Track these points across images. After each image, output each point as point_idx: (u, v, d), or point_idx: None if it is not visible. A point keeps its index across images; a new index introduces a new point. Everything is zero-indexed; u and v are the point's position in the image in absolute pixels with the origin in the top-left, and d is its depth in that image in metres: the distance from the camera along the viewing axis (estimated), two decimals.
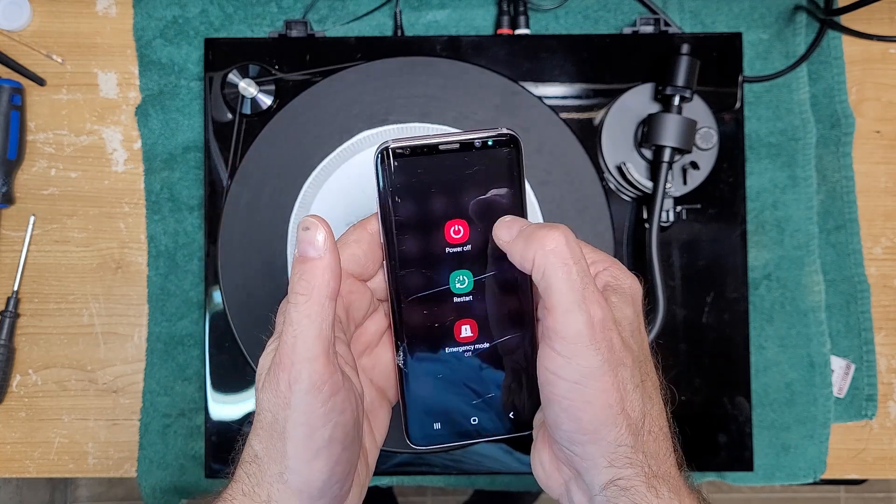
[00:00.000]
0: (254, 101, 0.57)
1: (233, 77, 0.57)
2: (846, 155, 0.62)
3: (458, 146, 0.34)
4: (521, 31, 0.61)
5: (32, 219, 0.62)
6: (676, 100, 0.55)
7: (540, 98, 0.57)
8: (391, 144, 0.33)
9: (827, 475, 0.61)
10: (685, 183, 0.57)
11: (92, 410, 0.61)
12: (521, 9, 0.61)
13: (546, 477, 0.35)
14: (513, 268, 0.34)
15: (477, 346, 0.36)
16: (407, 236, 0.34)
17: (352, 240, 0.36)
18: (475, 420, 0.37)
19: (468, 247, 0.35)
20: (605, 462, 0.32)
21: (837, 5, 0.61)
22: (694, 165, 0.57)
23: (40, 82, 0.62)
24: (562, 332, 0.31)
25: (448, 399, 0.37)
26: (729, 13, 0.62)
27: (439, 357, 0.36)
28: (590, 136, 0.58)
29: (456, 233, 0.35)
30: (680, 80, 0.55)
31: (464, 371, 0.37)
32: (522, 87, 0.57)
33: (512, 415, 0.37)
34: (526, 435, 0.38)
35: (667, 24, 0.60)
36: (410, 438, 0.37)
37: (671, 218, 0.57)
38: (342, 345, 0.35)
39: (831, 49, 0.62)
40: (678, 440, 0.34)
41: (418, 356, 0.36)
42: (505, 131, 0.34)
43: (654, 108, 0.57)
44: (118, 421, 0.61)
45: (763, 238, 0.61)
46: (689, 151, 0.56)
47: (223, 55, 0.58)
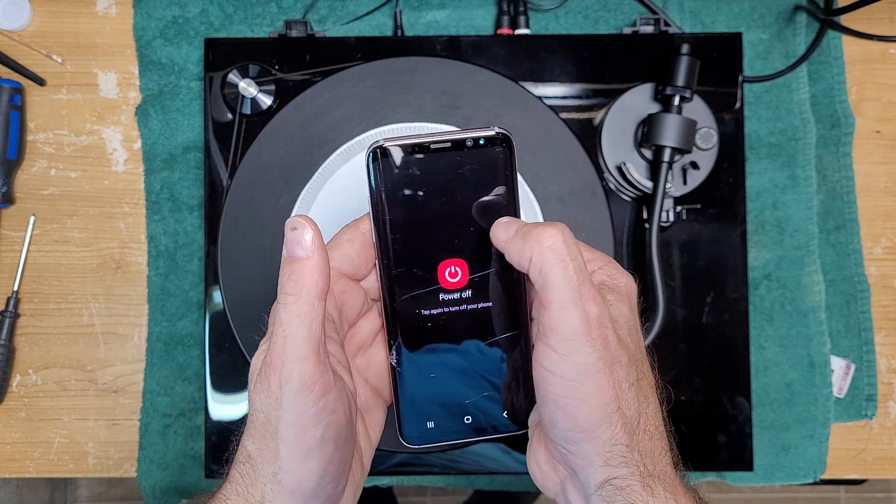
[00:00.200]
0: (254, 101, 0.57)
1: (233, 77, 0.57)
2: (846, 155, 0.62)
3: (451, 145, 0.34)
4: (521, 31, 0.61)
5: (32, 219, 0.62)
6: (676, 100, 0.55)
7: (540, 98, 0.57)
8: (383, 143, 0.33)
9: (827, 475, 0.61)
10: (685, 183, 0.57)
11: (92, 410, 0.61)
12: (521, 9, 0.61)
13: (542, 476, 0.35)
14: (506, 266, 0.34)
15: (470, 345, 0.36)
16: (398, 235, 0.34)
17: (344, 239, 0.36)
18: (469, 419, 0.37)
19: (461, 246, 0.35)
20: (601, 461, 0.32)
21: (837, 5, 0.61)
22: (694, 165, 0.57)
23: (40, 82, 0.62)
24: (557, 329, 0.31)
25: (441, 398, 0.37)
26: (729, 13, 0.62)
27: (432, 355, 0.36)
28: (590, 136, 0.58)
29: (448, 232, 0.35)
30: (680, 80, 0.55)
31: (457, 369, 0.36)
32: (522, 87, 0.57)
33: (506, 414, 0.37)
34: (520, 434, 0.38)
35: (667, 24, 0.60)
36: (404, 437, 0.37)
37: (671, 218, 0.57)
38: (334, 344, 0.35)
39: (831, 49, 0.62)
40: (674, 439, 0.34)
41: (411, 355, 0.36)
42: (497, 130, 0.34)
43: (654, 108, 0.57)
44: (118, 421, 0.61)
45: (763, 238, 0.61)
46: (689, 151, 0.56)
47: (223, 55, 0.58)
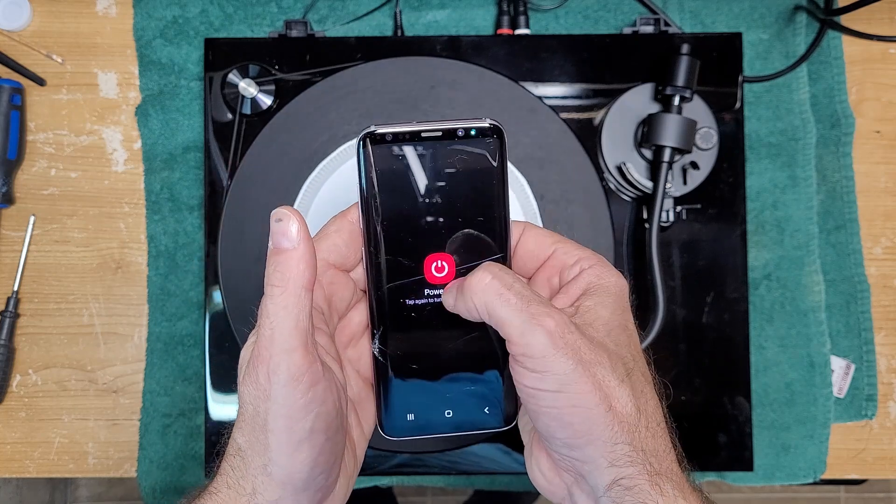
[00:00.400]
0: (254, 101, 0.57)
1: (233, 77, 0.57)
2: (846, 155, 0.62)
3: (441, 134, 0.33)
4: (521, 31, 0.61)
5: (32, 219, 0.62)
6: (676, 100, 0.55)
7: (540, 98, 0.57)
8: (374, 129, 0.33)
9: (827, 475, 0.61)
10: (685, 183, 0.57)
11: (92, 410, 0.61)
12: (521, 9, 0.61)
13: (547, 483, 0.35)
14: (494, 262, 0.34)
15: (454, 338, 0.36)
16: (386, 223, 0.34)
17: (332, 230, 0.35)
18: (450, 413, 0.37)
19: (448, 237, 0.35)
20: (606, 462, 0.31)
21: (837, 5, 0.61)
22: (694, 165, 0.57)
23: (40, 82, 0.62)
24: (527, 352, 0.31)
25: (422, 390, 0.36)
26: (729, 13, 0.62)
27: (415, 347, 0.36)
28: (590, 136, 0.58)
29: (436, 222, 0.34)
30: (680, 80, 0.55)
31: (439, 362, 0.36)
32: (522, 87, 0.57)
33: (488, 409, 0.37)
34: (503, 431, 0.37)
35: (667, 24, 0.60)
36: (384, 429, 0.37)
37: (671, 218, 0.57)
38: (323, 335, 0.35)
39: (831, 49, 0.62)
40: (676, 435, 0.34)
41: (394, 345, 0.36)
42: (489, 122, 0.34)
43: (654, 108, 0.57)
44: (118, 421, 0.61)
45: (763, 238, 0.61)
46: (689, 151, 0.56)
47: (223, 55, 0.58)
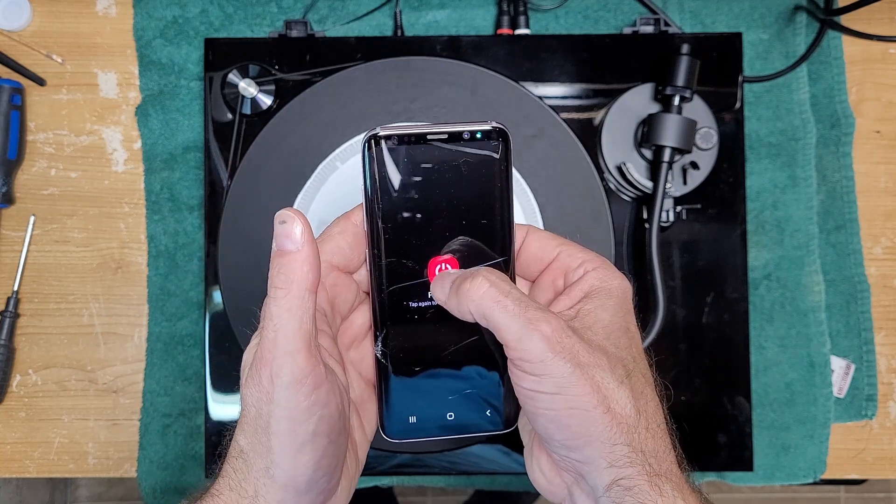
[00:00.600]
0: (254, 101, 0.57)
1: (233, 77, 0.57)
2: (846, 155, 0.62)
3: (447, 137, 0.33)
4: (521, 31, 0.61)
5: (32, 219, 0.62)
6: (676, 100, 0.55)
7: (540, 98, 0.57)
8: (379, 131, 0.33)
9: (827, 475, 0.61)
10: (685, 183, 0.57)
11: (92, 410, 0.61)
12: (521, 9, 0.61)
13: (548, 483, 0.35)
14: (497, 265, 0.34)
15: (456, 341, 0.36)
16: (390, 225, 0.34)
17: (335, 231, 0.35)
18: (451, 416, 0.36)
19: (452, 239, 0.34)
20: (605, 462, 0.31)
21: (837, 5, 0.61)
22: (694, 165, 0.57)
23: (40, 82, 0.62)
24: (525, 356, 0.31)
25: (425, 392, 0.36)
26: (729, 13, 0.62)
27: (417, 349, 0.36)
28: (590, 136, 0.58)
29: (440, 225, 0.34)
30: (680, 80, 0.55)
31: (441, 365, 0.36)
32: (522, 87, 0.57)
33: (489, 412, 0.37)
34: (504, 434, 0.37)
35: (667, 24, 0.60)
36: (385, 431, 0.37)
37: (671, 218, 0.57)
38: (326, 338, 0.35)
39: (831, 49, 0.62)
40: (676, 437, 0.34)
41: (396, 347, 0.36)
42: (494, 125, 0.34)
43: (654, 108, 0.57)
44: (118, 421, 0.61)
45: (763, 238, 0.61)
46: (689, 151, 0.56)
47: (223, 55, 0.58)
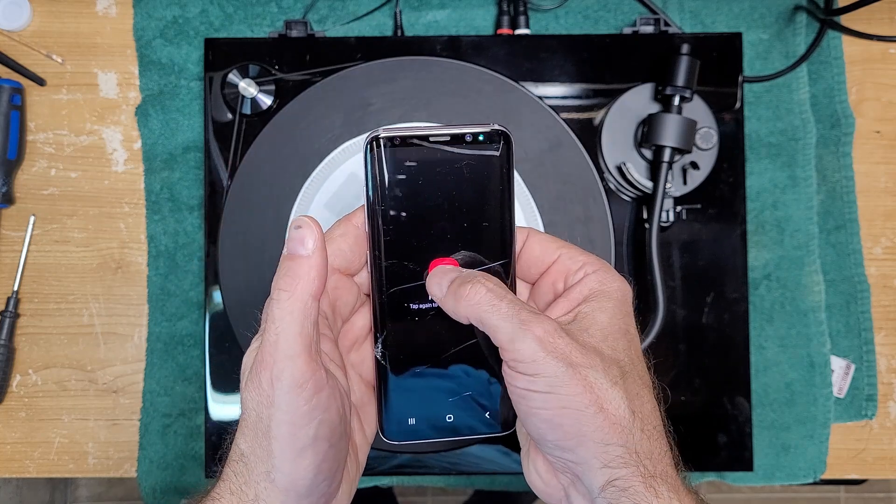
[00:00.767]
0: (254, 101, 0.57)
1: (233, 77, 0.57)
2: (846, 155, 0.62)
3: (449, 139, 0.34)
4: (521, 31, 0.61)
5: (32, 219, 0.62)
6: (676, 100, 0.55)
7: (540, 98, 0.57)
8: (381, 132, 0.33)
9: (827, 475, 0.61)
10: (685, 183, 0.57)
11: (92, 410, 0.61)
12: (521, 9, 0.61)
13: (544, 485, 0.35)
14: (498, 268, 0.34)
15: (456, 343, 0.36)
16: (391, 227, 0.34)
17: (337, 234, 0.35)
18: (451, 418, 0.37)
19: (453, 241, 0.35)
20: (599, 463, 0.31)
21: (837, 5, 0.61)
22: (694, 165, 0.57)
23: (40, 82, 0.62)
24: (519, 357, 0.31)
25: (424, 395, 0.36)
26: (729, 13, 0.62)
27: (417, 351, 0.36)
28: (590, 136, 0.58)
29: (441, 227, 0.34)
30: (680, 80, 0.55)
31: (441, 367, 0.36)
32: (522, 87, 0.57)
33: (488, 415, 0.37)
34: (503, 436, 0.37)
35: (667, 24, 0.60)
36: (385, 433, 0.37)
37: (671, 218, 0.57)
38: (327, 341, 0.35)
39: (831, 49, 0.62)
40: (673, 439, 0.34)
41: (396, 349, 0.36)
42: (496, 127, 0.34)
43: (654, 108, 0.57)
44: (118, 421, 0.61)
45: (763, 238, 0.61)
46: (689, 151, 0.56)
47: (223, 55, 0.58)
